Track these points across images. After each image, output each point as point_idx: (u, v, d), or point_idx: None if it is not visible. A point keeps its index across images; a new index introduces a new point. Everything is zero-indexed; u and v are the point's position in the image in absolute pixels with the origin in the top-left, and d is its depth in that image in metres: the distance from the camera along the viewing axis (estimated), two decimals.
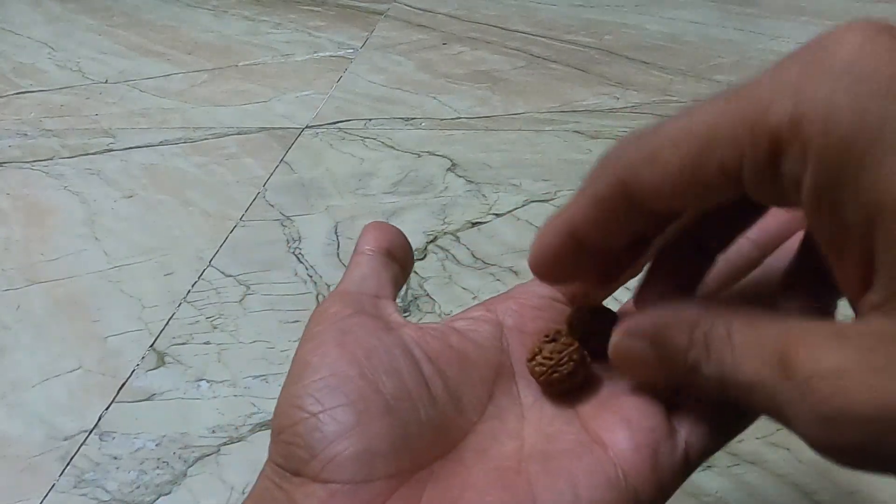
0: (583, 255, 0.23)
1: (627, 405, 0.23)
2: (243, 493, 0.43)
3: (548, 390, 0.24)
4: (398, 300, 0.28)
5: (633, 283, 0.26)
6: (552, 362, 0.23)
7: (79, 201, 0.73)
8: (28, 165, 0.80)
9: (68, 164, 0.80)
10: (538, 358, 0.24)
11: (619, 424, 0.22)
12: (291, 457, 0.21)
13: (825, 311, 0.22)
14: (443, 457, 0.22)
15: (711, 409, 0.22)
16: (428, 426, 0.22)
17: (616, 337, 0.22)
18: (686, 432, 0.22)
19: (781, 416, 0.17)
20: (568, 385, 0.24)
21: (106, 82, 1.03)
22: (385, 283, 0.26)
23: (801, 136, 0.17)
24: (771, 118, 0.17)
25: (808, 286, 0.22)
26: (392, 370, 0.23)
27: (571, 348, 0.24)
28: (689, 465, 0.22)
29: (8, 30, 1.26)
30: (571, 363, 0.23)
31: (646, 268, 0.25)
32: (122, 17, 1.31)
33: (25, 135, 0.87)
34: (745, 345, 0.18)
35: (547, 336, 0.24)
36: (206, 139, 0.85)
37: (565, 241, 0.23)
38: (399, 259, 0.28)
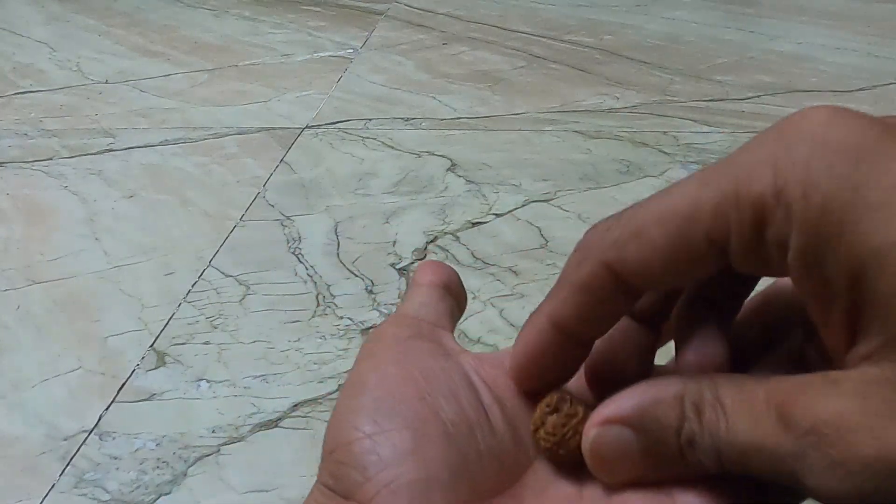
0: (569, 350, 0.22)
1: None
2: (244, 493, 0.43)
3: (558, 465, 0.23)
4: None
5: None
6: (557, 438, 0.22)
7: (79, 201, 0.73)
8: (28, 165, 0.80)
9: (68, 164, 0.80)
10: (541, 432, 0.22)
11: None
12: (343, 478, 0.20)
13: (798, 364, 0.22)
14: (502, 492, 0.21)
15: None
16: (487, 456, 0.21)
17: (595, 430, 0.20)
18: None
19: (786, 474, 0.17)
20: (579, 459, 0.22)
21: (106, 82, 1.03)
22: (443, 314, 0.26)
23: (783, 202, 0.18)
24: (754, 188, 0.18)
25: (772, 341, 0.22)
26: (451, 395, 0.22)
27: (576, 420, 0.22)
28: None
29: (8, 30, 1.26)
30: (578, 436, 0.22)
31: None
32: (122, 17, 1.31)
33: (25, 135, 0.87)
34: (737, 406, 0.18)
35: (548, 406, 0.22)
36: (206, 139, 0.85)
37: (550, 336, 0.22)
38: (455, 294, 0.27)
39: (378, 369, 0.22)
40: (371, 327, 0.55)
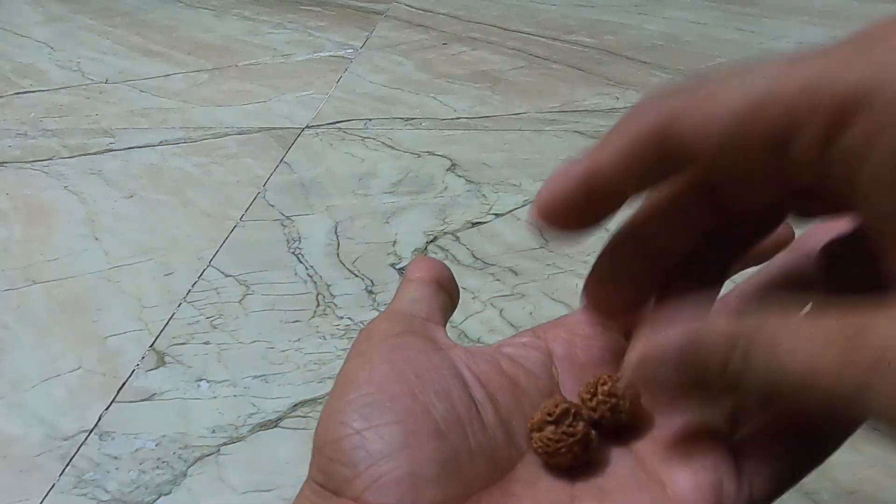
0: (594, 208, 0.21)
1: (687, 443, 0.22)
2: (244, 493, 0.43)
3: (548, 469, 0.23)
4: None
5: None
6: (549, 449, 0.22)
7: (79, 201, 0.73)
8: (28, 165, 0.80)
9: (68, 164, 0.80)
10: (536, 435, 0.22)
11: (679, 463, 0.21)
12: (333, 474, 0.20)
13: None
14: (491, 486, 0.21)
15: (779, 448, 0.21)
16: (478, 453, 0.21)
17: (638, 352, 0.20)
18: (751, 473, 0.21)
19: (847, 404, 0.17)
20: (569, 468, 0.22)
21: (106, 82, 1.03)
22: (435, 310, 0.26)
23: (873, 105, 0.16)
24: (838, 86, 0.16)
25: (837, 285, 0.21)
26: (442, 391, 0.22)
27: (572, 440, 0.22)
28: None
29: (8, 30, 1.26)
30: (570, 454, 0.22)
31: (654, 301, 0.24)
32: (122, 17, 1.31)
33: (25, 135, 0.87)
34: (795, 338, 0.17)
35: (550, 414, 0.22)
36: (206, 139, 0.85)
37: (582, 181, 0.21)
38: (447, 289, 0.27)
39: (368, 366, 0.22)
40: None
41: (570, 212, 0.21)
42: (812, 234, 0.24)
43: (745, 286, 0.25)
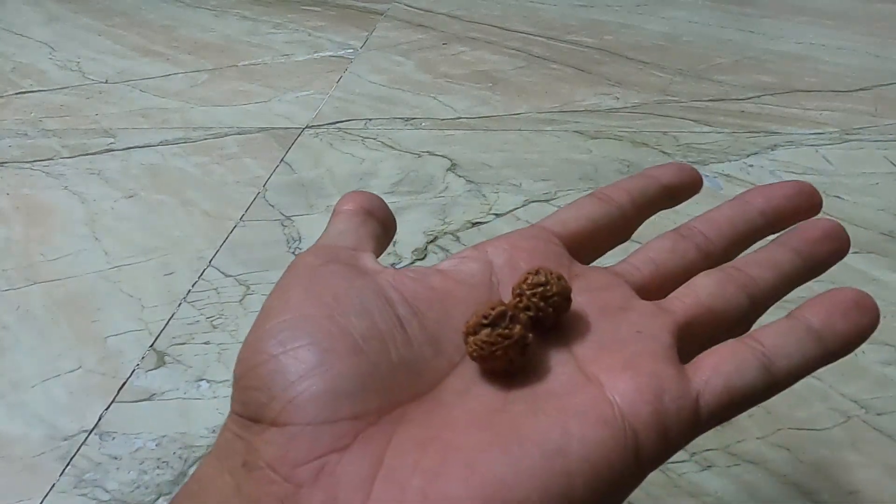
0: None
1: (632, 348, 0.22)
2: None
3: (483, 372, 0.22)
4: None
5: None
6: (484, 353, 0.21)
7: (79, 201, 0.73)
8: (28, 165, 0.80)
9: (68, 164, 0.80)
10: (471, 339, 0.21)
11: (620, 366, 0.21)
12: (251, 402, 0.20)
13: None
14: (419, 398, 0.21)
15: (732, 360, 0.21)
16: (401, 366, 0.21)
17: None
18: (699, 382, 0.21)
19: None
20: (505, 372, 0.21)
21: (106, 82, 1.03)
22: (364, 238, 0.25)
23: None
24: None
25: None
26: (362, 311, 0.21)
27: (508, 342, 0.21)
28: (699, 419, 0.20)
29: (8, 30, 1.26)
30: (505, 358, 0.21)
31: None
32: (122, 17, 1.31)
33: (25, 135, 0.87)
34: None
35: (486, 317, 0.21)
36: (206, 139, 0.85)
37: None
38: (378, 218, 0.27)
39: (285, 295, 0.22)
40: None
41: None
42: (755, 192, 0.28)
43: (728, 230, 0.28)
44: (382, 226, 0.27)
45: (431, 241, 0.65)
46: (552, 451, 0.19)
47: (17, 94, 0.99)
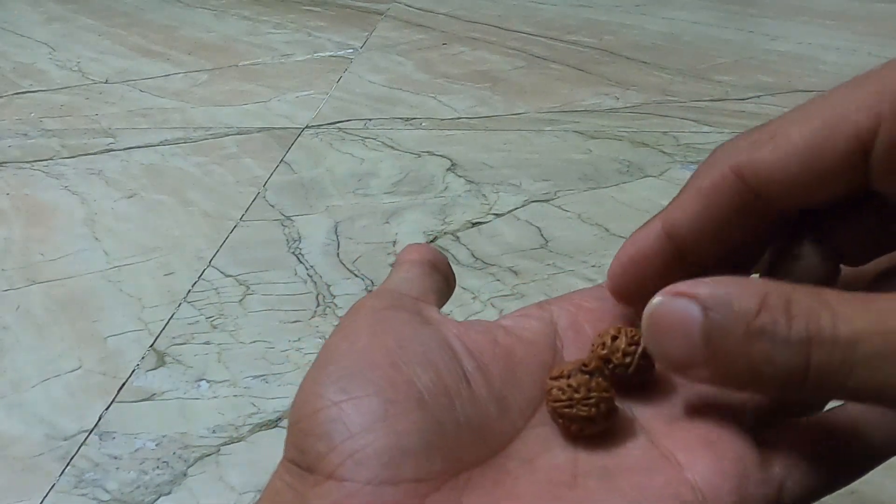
0: (676, 263, 0.20)
1: (709, 424, 0.20)
2: (244, 493, 0.43)
3: (558, 422, 0.20)
4: None
5: None
6: (566, 404, 0.19)
7: (79, 201, 0.73)
8: (28, 165, 0.80)
9: (68, 164, 0.80)
10: (556, 384, 0.20)
11: (700, 444, 0.19)
12: (307, 450, 0.19)
13: None
14: (482, 463, 0.19)
15: (814, 446, 0.19)
16: (466, 426, 0.19)
17: (660, 297, 0.18)
18: (781, 470, 0.19)
19: None
20: (582, 429, 0.20)
21: (106, 82, 1.03)
22: (428, 290, 0.24)
23: None
24: None
25: None
26: (427, 363, 0.20)
27: (606, 394, 0.19)
28: None
29: (8, 30, 1.26)
30: (594, 409, 0.19)
31: None
32: (122, 17, 1.31)
33: (25, 135, 0.87)
34: (847, 302, 0.16)
35: (586, 365, 0.20)
36: (206, 139, 0.85)
37: (661, 245, 0.20)
38: (441, 272, 0.25)
39: (349, 339, 0.21)
40: None
41: (646, 275, 0.20)
42: None
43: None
44: (445, 280, 0.26)
45: (431, 241, 0.65)
46: None
47: (17, 94, 0.99)
